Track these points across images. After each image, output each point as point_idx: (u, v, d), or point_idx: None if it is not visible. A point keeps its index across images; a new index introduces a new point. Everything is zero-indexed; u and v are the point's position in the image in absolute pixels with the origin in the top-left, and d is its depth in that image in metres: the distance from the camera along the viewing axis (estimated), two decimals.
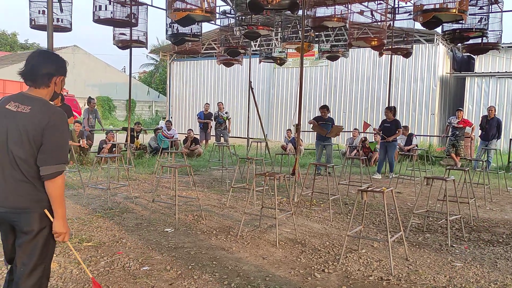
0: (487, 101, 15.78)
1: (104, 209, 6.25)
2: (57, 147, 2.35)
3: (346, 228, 4.94)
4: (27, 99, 2.38)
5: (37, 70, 2.39)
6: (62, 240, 2.44)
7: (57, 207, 2.37)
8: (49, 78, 2.42)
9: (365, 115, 18.22)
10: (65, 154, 2.42)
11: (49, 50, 2.61)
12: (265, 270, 4.04)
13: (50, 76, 2.42)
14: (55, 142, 2.34)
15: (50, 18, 4.15)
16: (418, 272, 4.10)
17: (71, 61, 31.56)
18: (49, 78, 2.42)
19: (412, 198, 7.70)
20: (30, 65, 2.40)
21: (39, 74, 2.39)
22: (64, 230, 2.42)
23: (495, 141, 11.38)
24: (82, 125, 11.53)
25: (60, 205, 2.38)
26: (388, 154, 10.10)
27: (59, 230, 2.40)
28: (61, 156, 2.37)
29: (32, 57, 2.42)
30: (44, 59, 2.44)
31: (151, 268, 4.03)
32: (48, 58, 2.46)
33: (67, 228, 2.44)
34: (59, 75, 2.47)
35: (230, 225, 5.62)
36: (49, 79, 2.42)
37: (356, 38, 9.18)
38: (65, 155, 2.41)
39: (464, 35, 7.94)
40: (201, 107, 19.98)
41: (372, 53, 16.80)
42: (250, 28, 8.03)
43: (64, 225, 2.41)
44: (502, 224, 6.09)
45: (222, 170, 9.09)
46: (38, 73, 2.39)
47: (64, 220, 2.41)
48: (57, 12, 7.76)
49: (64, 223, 2.41)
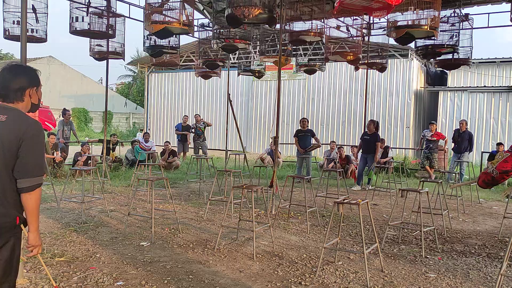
0: (460, 115, 16.22)
1: (78, 223, 6.12)
2: (36, 159, 2.32)
3: (323, 240, 4.96)
4: (3, 109, 2.34)
5: (8, 87, 2.36)
6: (37, 253, 2.43)
7: (33, 220, 2.36)
8: (22, 93, 2.39)
9: (342, 128, 18.47)
10: (42, 165, 2.40)
11: (18, 63, 2.56)
12: (242, 284, 4.02)
13: (23, 90, 2.39)
14: (34, 154, 2.31)
15: (24, 28, 4.08)
16: (393, 283, 4.15)
17: (46, 71, 31.14)
18: (22, 93, 2.39)
19: (388, 210, 7.81)
20: (1, 82, 2.36)
21: (11, 90, 2.36)
22: (39, 242, 2.42)
23: (467, 153, 11.69)
24: (57, 137, 11.31)
25: (36, 218, 2.37)
26: (368, 166, 10.24)
27: (35, 242, 2.39)
28: (40, 168, 2.35)
29: (2, 74, 2.38)
30: (14, 75, 2.39)
31: (126, 283, 3.96)
32: (17, 73, 2.41)
33: (40, 241, 2.44)
34: (32, 87, 2.43)
35: (207, 238, 5.58)
36: (22, 93, 2.39)
37: (333, 52, 9.34)
38: (42, 166, 2.40)
39: (436, 51, 8.18)
40: (179, 119, 19.89)
41: (349, 67, 17.10)
42: (227, 41, 8.08)
43: (39, 238, 2.41)
44: (474, 235, 6.23)
45: (200, 183, 9.04)
46: (10, 90, 2.36)
47: (38, 232, 2.41)
48: (32, 22, 7.64)
49: (38, 236, 2.41)
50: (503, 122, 15.84)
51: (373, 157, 10.13)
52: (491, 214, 7.84)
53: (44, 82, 21.73)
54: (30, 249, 2.40)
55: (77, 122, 28.64)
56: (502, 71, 18.13)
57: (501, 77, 18.08)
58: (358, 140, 12.95)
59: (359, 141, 10.84)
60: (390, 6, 4.82)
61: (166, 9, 6.94)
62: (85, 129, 29.27)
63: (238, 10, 6.02)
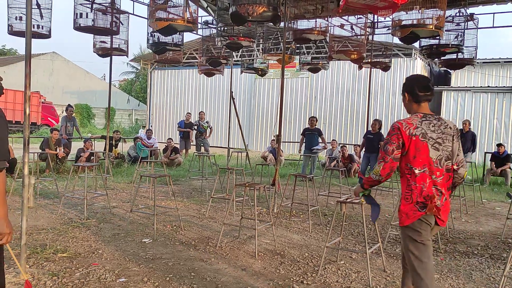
0: (463, 115, 16.18)
1: (80, 219, 6.13)
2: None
3: (325, 239, 4.96)
4: None
5: None
6: (6, 242, 2.23)
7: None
8: None
9: (345, 127, 18.45)
10: (5, 150, 2.27)
11: None
12: (243, 282, 4.02)
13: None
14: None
15: (28, 24, 4.08)
16: (395, 283, 4.14)
17: (50, 67, 31.19)
18: None
19: (390, 210, 7.79)
20: None
21: None
22: (7, 230, 2.22)
23: (470, 154, 11.65)
24: (60, 132, 11.32)
25: (2, 204, 2.21)
26: (371, 166, 10.20)
27: (2, 230, 2.20)
28: (1, 152, 2.23)
29: None
30: None
31: (128, 280, 3.96)
32: None
33: (10, 229, 2.25)
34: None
35: (209, 235, 5.58)
36: None
37: (336, 51, 9.31)
38: (5, 151, 2.26)
39: (440, 51, 8.14)
40: (181, 116, 19.90)
41: (352, 66, 17.07)
42: (232, 39, 8.06)
43: (7, 225, 2.22)
44: (477, 236, 6.22)
45: (202, 180, 9.04)
46: None
47: (6, 219, 2.23)
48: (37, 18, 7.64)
49: (6, 223, 2.22)
50: (506, 122, 15.79)
51: (376, 156, 10.10)
52: (494, 215, 7.81)
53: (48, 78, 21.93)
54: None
55: (80, 118, 28.68)
56: (506, 72, 18.06)
57: (505, 77, 18.01)
58: (361, 139, 12.94)
59: (362, 140, 10.81)
60: (396, 5, 4.79)
61: (171, 6, 6.93)
62: (87, 125, 29.31)
63: (243, 8, 6.00)
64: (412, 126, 2.88)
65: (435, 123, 2.94)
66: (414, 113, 3.02)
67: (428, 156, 2.86)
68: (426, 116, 2.95)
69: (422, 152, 2.86)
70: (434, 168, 2.86)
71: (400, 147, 2.87)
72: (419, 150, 2.85)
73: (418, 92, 2.99)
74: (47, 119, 25.38)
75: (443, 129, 2.94)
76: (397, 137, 2.87)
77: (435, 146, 2.88)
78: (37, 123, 23.94)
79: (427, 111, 3.02)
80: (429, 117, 2.96)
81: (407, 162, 2.90)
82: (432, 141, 2.87)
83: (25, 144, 4.09)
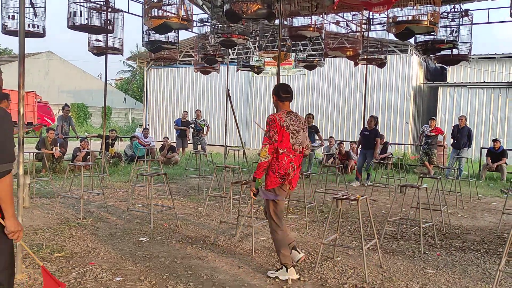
0: (459, 111, 16.22)
1: (77, 219, 6.12)
2: (2, 145, 2.26)
3: (322, 236, 4.97)
4: None
5: None
6: (18, 238, 2.40)
7: (7, 207, 2.33)
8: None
9: (341, 123, 18.46)
10: (11, 152, 2.32)
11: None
12: (240, 279, 4.02)
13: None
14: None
15: (22, 23, 4.05)
16: (391, 279, 4.16)
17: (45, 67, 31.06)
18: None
19: (386, 206, 7.82)
20: None
21: None
22: (18, 227, 2.38)
23: (466, 149, 11.70)
24: (56, 132, 11.29)
25: (10, 205, 2.33)
26: (367, 162, 10.22)
27: (14, 228, 2.35)
28: (7, 154, 2.29)
29: None
30: None
31: (124, 278, 3.96)
32: None
33: (20, 226, 2.41)
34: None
35: (206, 234, 5.58)
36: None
37: (332, 48, 9.32)
38: (12, 153, 2.32)
39: (436, 47, 8.16)
40: (178, 114, 19.87)
41: (348, 63, 17.07)
42: (225, 37, 8.05)
43: (17, 223, 2.38)
44: (473, 231, 6.24)
45: (199, 179, 9.04)
46: None
47: (15, 218, 2.37)
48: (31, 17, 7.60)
49: (16, 221, 2.38)
50: (502, 118, 15.84)
51: (372, 152, 10.11)
52: (489, 210, 7.85)
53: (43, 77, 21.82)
54: (11, 235, 2.37)
55: (76, 117, 28.60)
56: (501, 67, 18.11)
57: (500, 72, 18.06)
58: (357, 136, 12.96)
59: (359, 137, 10.82)
60: (391, 2, 4.80)
61: (165, 4, 6.91)
62: (84, 124, 29.23)
63: (237, 5, 6.00)
64: (282, 119, 3.94)
65: (294, 118, 4.02)
66: (280, 109, 4.06)
67: (289, 141, 3.95)
68: (289, 113, 4.03)
69: (286, 139, 3.93)
70: (291, 151, 3.97)
71: (276, 133, 3.89)
72: (284, 136, 3.91)
73: (282, 94, 4.08)
74: (43, 118, 25.29)
75: (298, 123, 4.03)
76: (275, 126, 3.89)
77: (292, 134, 3.96)
78: (33, 122, 23.85)
79: (289, 109, 4.10)
80: (291, 114, 4.04)
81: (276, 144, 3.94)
82: (291, 131, 3.95)
83: (19, 143, 4.08)
